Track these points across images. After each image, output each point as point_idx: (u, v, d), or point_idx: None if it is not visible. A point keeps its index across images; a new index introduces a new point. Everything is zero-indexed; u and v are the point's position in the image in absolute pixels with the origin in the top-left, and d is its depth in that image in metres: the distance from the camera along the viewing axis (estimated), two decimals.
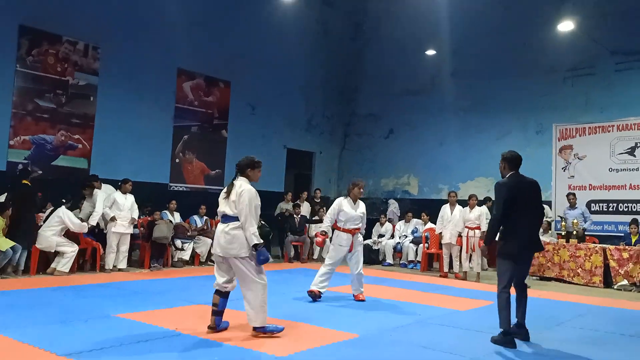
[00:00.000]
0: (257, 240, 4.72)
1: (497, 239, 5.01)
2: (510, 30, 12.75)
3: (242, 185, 4.87)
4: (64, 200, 8.43)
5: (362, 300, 6.98)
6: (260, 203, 4.90)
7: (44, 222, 8.32)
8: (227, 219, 4.86)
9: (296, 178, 15.41)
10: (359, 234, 7.17)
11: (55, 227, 8.20)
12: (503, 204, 4.87)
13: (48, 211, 8.54)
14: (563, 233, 10.00)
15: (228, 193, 4.90)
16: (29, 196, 8.36)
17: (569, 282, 9.50)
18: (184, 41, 11.71)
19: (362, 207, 7.22)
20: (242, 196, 4.78)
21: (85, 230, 8.56)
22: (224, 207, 4.89)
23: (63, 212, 8.27)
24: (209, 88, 12.55)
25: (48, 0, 9.81)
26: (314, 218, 12.26)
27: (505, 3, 12.84)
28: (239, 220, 4.79)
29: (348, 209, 7.07)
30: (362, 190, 7.22)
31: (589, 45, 11.88)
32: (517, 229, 4.89)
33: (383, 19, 14.94)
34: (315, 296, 6.86)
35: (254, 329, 4.87)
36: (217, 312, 5.00)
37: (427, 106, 14.28)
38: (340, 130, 16.09)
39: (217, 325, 4.98)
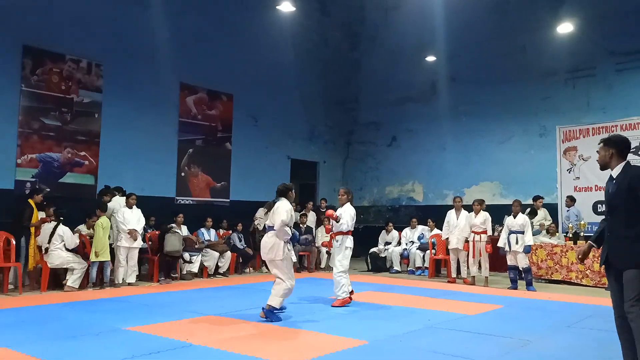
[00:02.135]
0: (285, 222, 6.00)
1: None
2: (509, 34, 12.83)
3: (279, 203, 6.18)
4: (62, 218, 8.47)
5: (334, 305, 7.05)
6: (294, 215, 6.29)
7: (49, 241, 8.32)
8: (269, 229, 6.17)
9: (301, 188, 15.45)
10: (337, 238, 7.34)
11: (60, 244, 8.26)
12: None
13: (50, 229, 8.48)
14: (570, 235, 9.98)
15: (269, 210, 6.25)
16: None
17: (578, 284, 9.47)
18: (186, 56, 11.85)
19: (340, 210, 7.43)
20: (277, 209, 6.10)
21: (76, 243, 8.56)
22: (267, 220, 6.23)
23: (63, 230, 8.35)
24: (211, 101, 12.65)
25: (50, 20, 9.93)
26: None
27: (503, 7, 12.92)
28: (274, 230, 6.07)
29: None
30: (340, 196, 7.58)
31: (588, 47, 11.94)
32: None
33: (380, 28, 15.04)
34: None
35: (263, 308, 6.02)
36: None
37: (429, 112, 14.33)
38: (342, 139, 16.15)
39: None
